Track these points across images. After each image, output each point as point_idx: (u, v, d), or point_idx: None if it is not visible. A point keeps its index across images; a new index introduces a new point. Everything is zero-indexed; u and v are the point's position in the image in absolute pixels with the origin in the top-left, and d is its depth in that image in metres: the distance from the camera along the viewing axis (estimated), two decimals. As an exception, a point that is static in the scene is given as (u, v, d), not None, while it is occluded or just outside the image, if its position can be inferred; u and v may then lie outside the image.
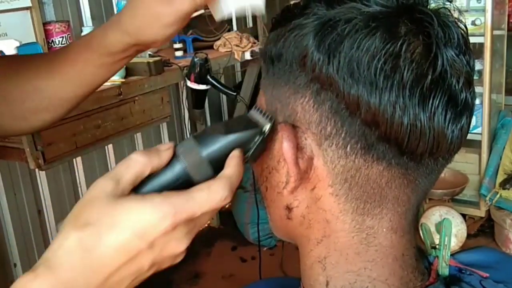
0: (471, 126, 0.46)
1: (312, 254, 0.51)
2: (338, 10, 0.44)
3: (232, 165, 0.46)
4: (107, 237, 0.42)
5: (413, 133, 0.43)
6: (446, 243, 0.57)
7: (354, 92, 0.43)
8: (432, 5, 0.46)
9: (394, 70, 0.42)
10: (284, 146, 0.46)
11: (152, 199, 0.43)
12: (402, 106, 0.42)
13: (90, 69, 0.74)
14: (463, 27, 0.46)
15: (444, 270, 0.55)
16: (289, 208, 0.50)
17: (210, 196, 0.44)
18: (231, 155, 0.46)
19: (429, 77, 0.43)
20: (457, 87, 0.44)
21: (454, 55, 0.44)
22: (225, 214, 3.14)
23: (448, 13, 0.46)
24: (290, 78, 0.47)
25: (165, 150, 0.46)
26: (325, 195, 0.47)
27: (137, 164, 0.45)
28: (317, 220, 0.49)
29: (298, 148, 0.46)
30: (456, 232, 2.56)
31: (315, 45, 0.44)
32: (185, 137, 2.89)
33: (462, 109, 0.45)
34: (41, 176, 2.13)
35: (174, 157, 0.46)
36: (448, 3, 0.46)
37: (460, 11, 0.46)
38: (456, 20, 0.46)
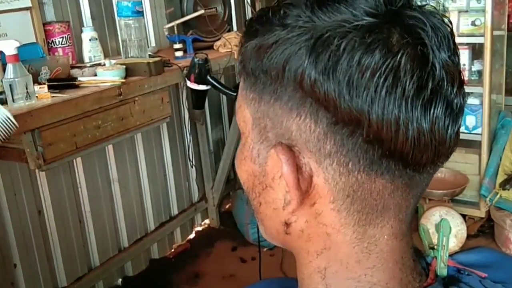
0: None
1: (311, 265, 0.49)
2: (326, 23, 0.42)
3: None
4: None
5: (417, 146, 0.42)
6: (444, 243, 0.57)
7: (355, 110, 0.41)
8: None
9: (395, 85, 0.41)
10: (284, 170, 0.44)
11: None
12: (405, 120, 0.41)
13: None
14: (448, 23, 0.45)
15: (443, 271, 0.55)
16: (287, 224, 0.48)
17: None
18: None
19: (429, 87, 0.42)
20: (452, 93, 0.44)
21: (447, 58, 0.43)
22: (225, 215, 3.15)
23: (434, 10, 0.45)
24: (282, 96, 0.44)
25: None
26: (326, 211, 0.46)
27: None
28: (317, 233, 0.47)
29: (297, 168, 0.44)
30: (456, 232, 2.56)
31: (310, 64, 0.42)
32: (185, 137, 2.89)
33: (458, 113, 0.45)
34: (41, 177, 2.13)
35: None
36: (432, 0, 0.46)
37: (444, 7, 0.46)
38: (441, 15, 0.45)
